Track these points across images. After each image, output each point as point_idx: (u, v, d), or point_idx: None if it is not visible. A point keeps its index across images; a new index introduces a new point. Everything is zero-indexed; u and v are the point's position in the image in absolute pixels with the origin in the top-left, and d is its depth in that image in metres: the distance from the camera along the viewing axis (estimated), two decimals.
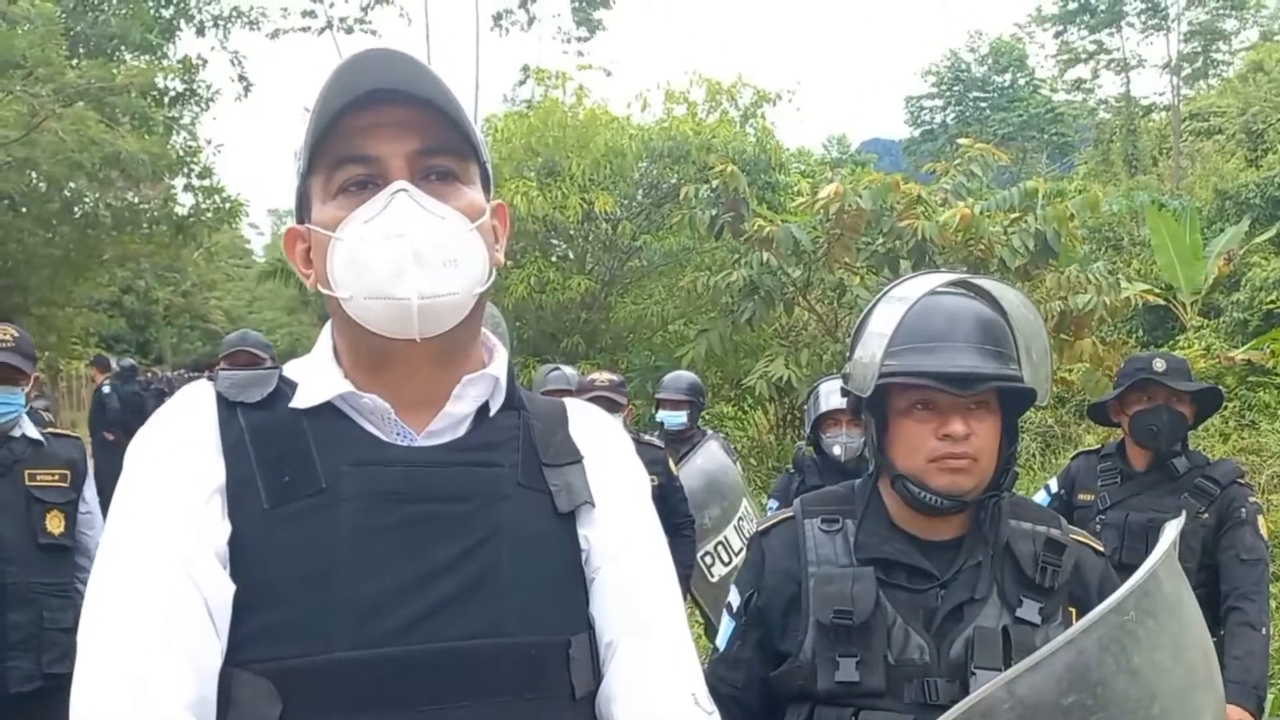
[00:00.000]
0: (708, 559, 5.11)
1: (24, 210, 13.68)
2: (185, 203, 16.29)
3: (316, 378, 1.11)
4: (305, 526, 1.02)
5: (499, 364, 1.17)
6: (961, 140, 10.50)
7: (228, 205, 16.41)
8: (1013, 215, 8.89)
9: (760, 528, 1.74)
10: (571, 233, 12.55)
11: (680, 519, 4.69)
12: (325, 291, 1.10)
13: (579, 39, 21.39)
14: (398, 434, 1.10)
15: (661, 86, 13.12)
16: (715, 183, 9.11)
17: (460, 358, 1.13)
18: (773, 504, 5.10)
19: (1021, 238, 8.46)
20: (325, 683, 0.99)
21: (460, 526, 1.06)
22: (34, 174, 12.98)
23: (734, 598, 1.72)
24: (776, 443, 10.77)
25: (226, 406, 1.09)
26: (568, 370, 6.68)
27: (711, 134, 12.20)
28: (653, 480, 4.58)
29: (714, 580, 5.01)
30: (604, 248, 12.71)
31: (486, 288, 1.11)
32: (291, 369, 1.15)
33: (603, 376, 4.64)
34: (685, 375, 5.98)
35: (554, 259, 12.57)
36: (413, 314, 1.04)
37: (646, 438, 4.88)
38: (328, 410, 1.09)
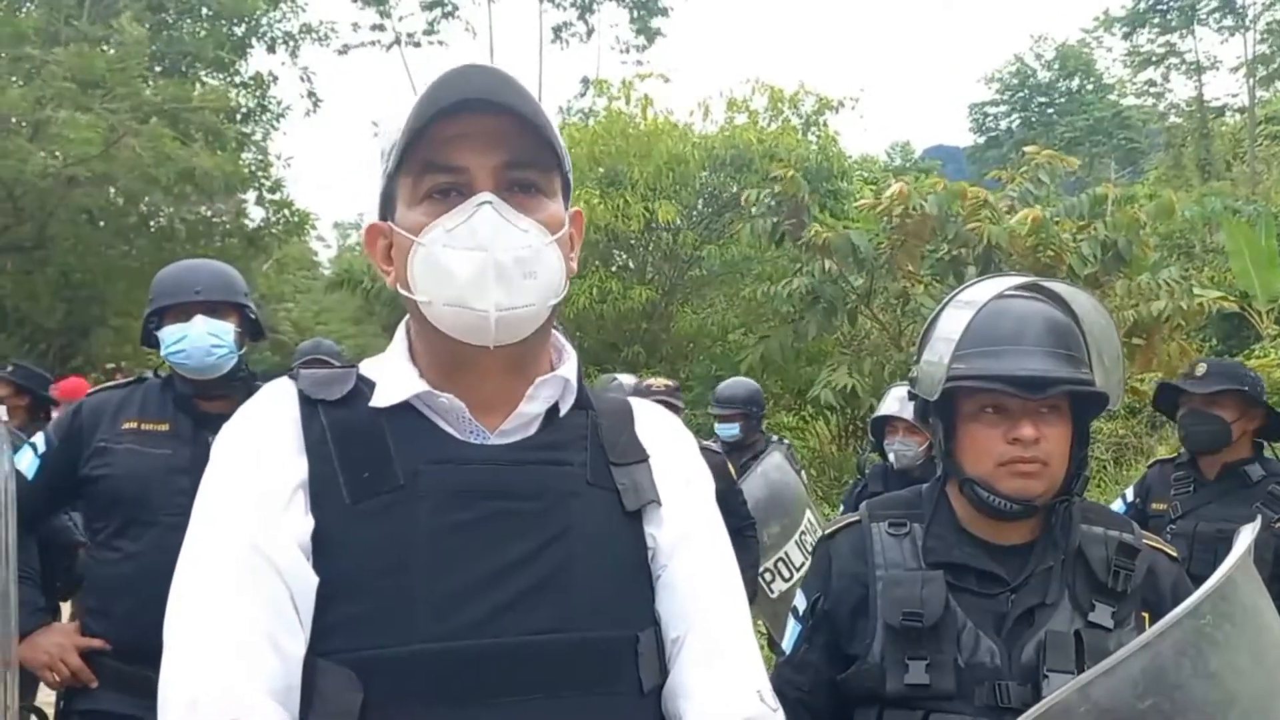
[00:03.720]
0: (768, 575, 5.07)
1: (102, 224, 14.11)
2: (256, 216, 16.71)
3: (393, 377, 1.14)
4: (385, 522, 1.05)
5: (569, 366, 1.19)
6: (1028, 148, 10.34)
7: (296, 218, 16.78)
8: (1081, 223, 8.74)
9: (826, 531, 1.74)
10: (633, 242, 12.60)
11: (742, 522, 4.68)
12: (404, 292, 1.12)
13: (637, 48, 21.52)
14: (471, 432, 1.13)
15: (723, 95, 13.15)
16: (776, 189, 9.07)
17: (532, 362, 1.16)
18: (840, 509, 5.09)
19: (1091, 245, 8.31)
20: (404, 673, 1.02)
21: (532, 524, 1.08)
22: (112, 189, 13.39)
23: (800, 601, 1.72)
24: (839, 453, 10.69)
25: (308, 404, 1.12)
26: (627, 379, 6.70)
27: (774, 142, 12.18)
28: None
29: (774, 596, 4.98)
30: (665, 257, 12.74)
31: (561, 297, 1.14)
32: (368, 367, 1.18)
33: (659, 381, 4.64)
34: (741, 384, 5.89)
35: (615, 269, 12.63)
36: (490, 325, 1.07)
37: (705, 443, 4.89)
38: (405, 409, 1.12)
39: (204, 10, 16.49)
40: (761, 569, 5.05)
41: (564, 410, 1.18)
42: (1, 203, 12.03)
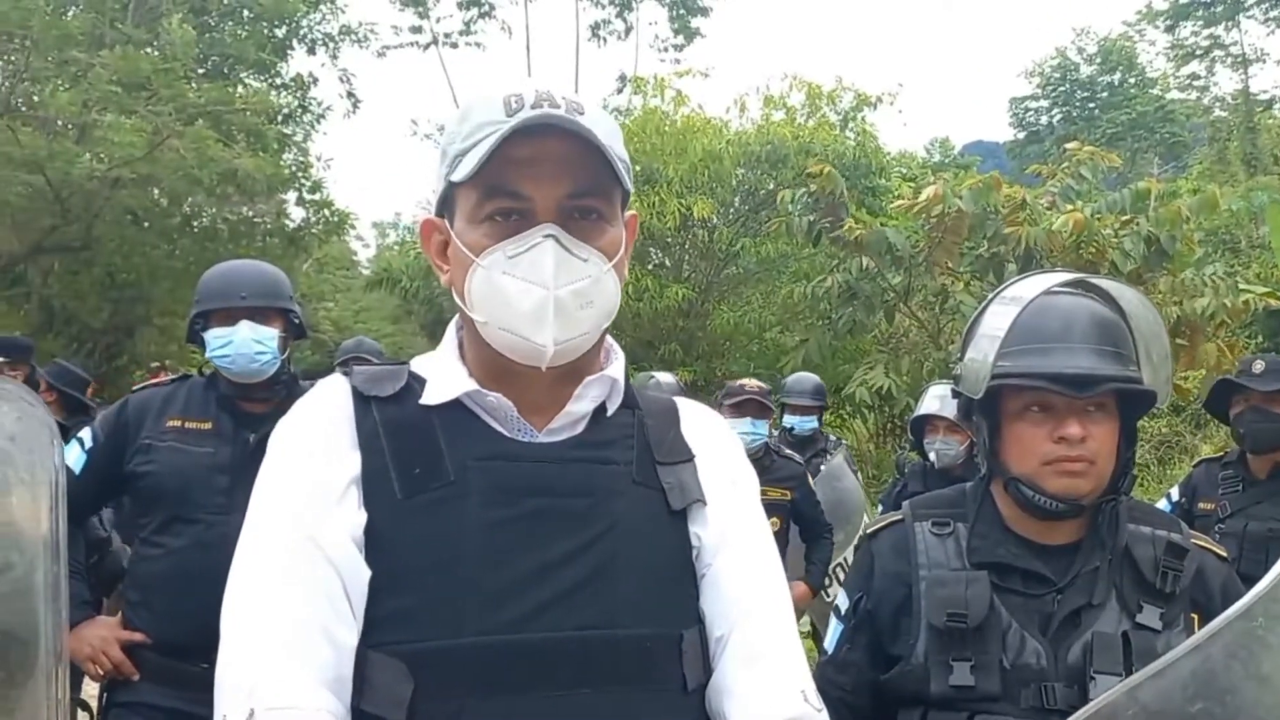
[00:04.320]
0: (826, 579, 5.08)
1: (146, 225, 14.32)
2: (296, 216, 16.87)
3: (443, 376, 1.16)
4: (435, 517, 1.07)
5: (617, 366, 1.21)
6: (1069, 144, 10.20)
7: (336, 218, 16.93)
8: (1123, 218, 8.61)
9: (868, 531, 1.73)
10: (668, 240, 12.59)
11: (821, 528, 4.69)
12: (459, 301, 1.14)
13: (675, 46, 21.48)
14: (519, 430, 1.14)
15: (760, 91, 13.10)
16: (813, 186, 9.02)
17: (582, 369, 1.17)
18: (879, 509, 5.06)
19: (1133, 240, 8.19)
20: (454, 666, 1.03)
21: (578, 521, 1.10)
22: (156, 190, 13.59)
23: (842, 600, 1.72)
24: (876, 450, 10.63)
25: (361, 400, 1.14)
26: (664, 377, 6.68)
27: (810, 138, 12.11)
28: (787, 495, 4.49)
29: (829, 600, 4.98)
30: (701, 255, 12.73)
31: (613, 317, 1.16)
32: (419, 365, 1.20)
33: (752, 383, 4.62)
34: (809, 378, 5.88)
35: (650, 266, 12.62)
36: (547, 356, 1.09)
37: (787, 452, 4.83)
38: (454, 406, 1.13)
39: (245, 13, 16.69)
40: None
41: (611, 410, 1.19)
42: (49, 204, 12.24)
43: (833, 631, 1.71)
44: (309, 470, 1.09)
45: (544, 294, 1.07)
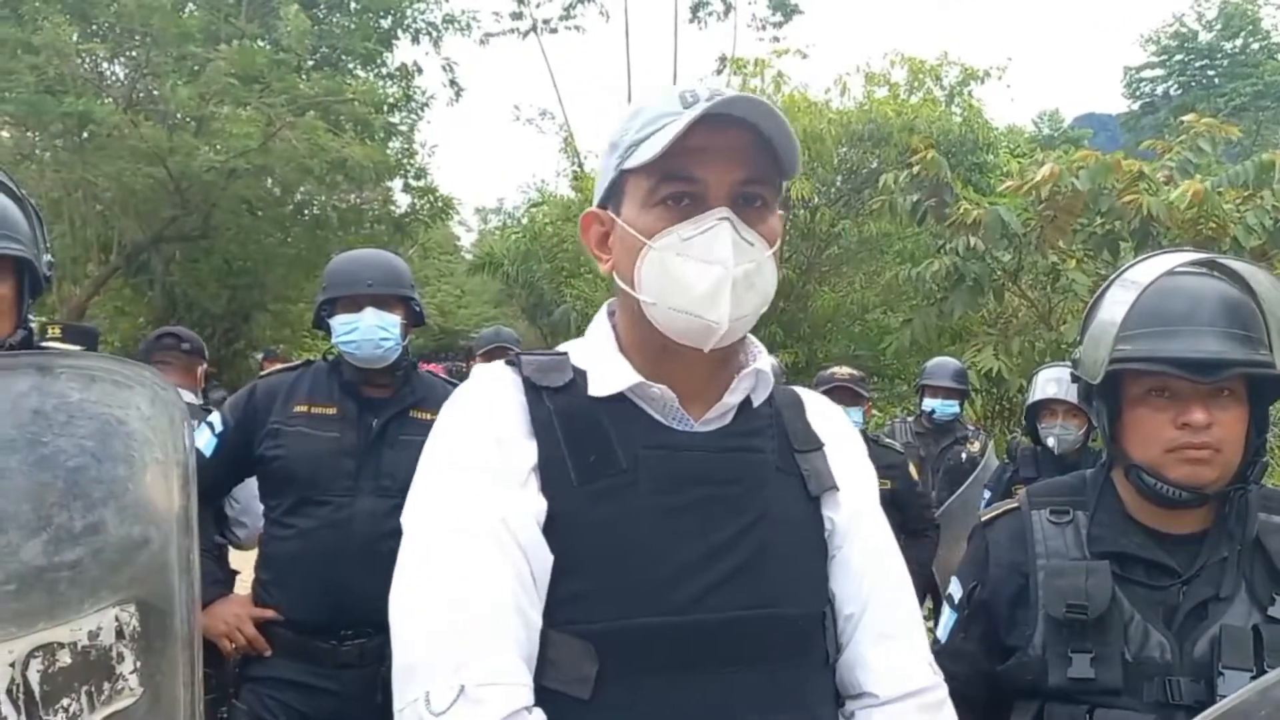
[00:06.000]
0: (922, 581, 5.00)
1: (260, 213, 14.81)
2: (402, 203, 17.26)
3: (606, 367, 1.21)
4: (610, 503, 1.13)
5: (764, 359, 1.26)
6: (1187, 117, 9.76)
7: (440, 204, 17.25)
8: (1246, 193, 8.20)
9: (984, 518, 1.70)
10: None
11: (923, 524, 4.56)
12: (624, 287, 1.19)
13: (774, 24, 21.22)
14: (676, 419, 1.20)
15: (861, 70, 12.85)
16: (915, 170, 8.82)
17: (734, 357, 1.24)
18: (986, 494, 4.94)
19: (1257, 215, 7.79)
20: (632, 645, 1.09)
21: (736, 508, 1.16)
22: (269, 180, 14.04)
23: (955, 589, 1.69)
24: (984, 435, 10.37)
25: (533, 390, 1.19)
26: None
27: (914, 115, 11.85)
28: (886, 484, 4.42)
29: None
30: (801, 235, 12.57)
31: (769, 303, 1.20)
32: (575, 355, 1.24)
33: (843, 370, 4.57)
34: (950, 362, 5.77)
35: None
36: (720, 335, 1.14)
37: (886, 440, 4.75)
38: (618, 398, 1.19)
39: (352, 4, 17.08)
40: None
41: (757, 402, 1.25)
42: (170, 195, 12.75)
43: (946, 620, 1.69)
44: (493, 456, 1.13)
45: (723, 272, 1.12)
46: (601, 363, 1.21)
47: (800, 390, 1.36)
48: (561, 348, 1.27)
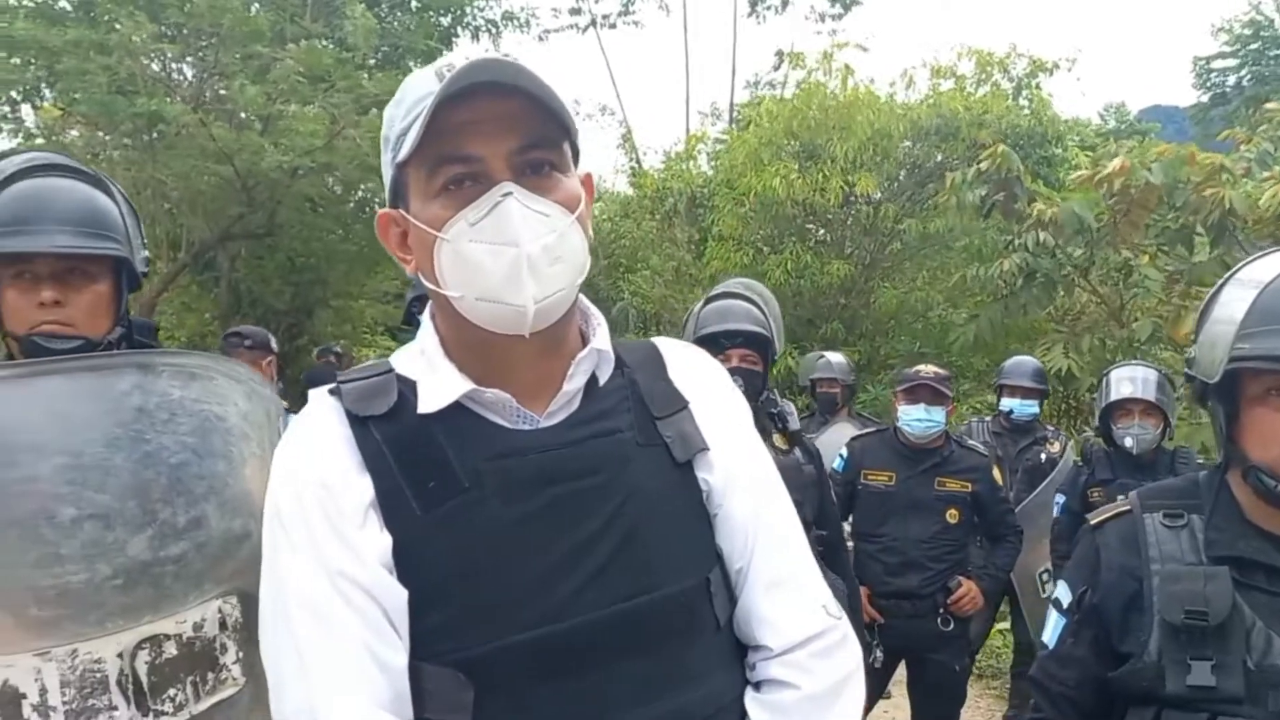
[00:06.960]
0: (1044, 575, 4.91)
1: (321, 211, 15.00)
2: None
3: (434, 378, 1.14)
4: (459, 526, 1.08)
5: (602, 335, 1.20)
6: (1269, 105, 9.48)
7: None
8: None
9: (1093, 521, 1.66)
10: (830, 216, 12.36)
11: (1004, 528, 4.41)
12: (429, 285, 1.13)
13: (833, 17, 21.01)
14: (519, 418, 1.14)
15: (927, 63, 12.66)
16: (984, 164, 8.67)
17: (564, 339, 1.18)
18: (1059, 498, 4.84)
19: None
20: (508, 665, 1.06)
21: (597, 498, 1.11)
22: (331, 178, 14.21)
23: (1063, 593, 1.65)
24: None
25: (357, 421, 1.13)
26: (835, 357, 6.57)
27: (983, 108, 11.66)
28: (968, 486, 4.29)
29: (1044, 596, 4.82)
30: (864, 231, 12.43)
31: (586, 274, 1.14)
32: (403, 365, 1.18)
33: (928, 368, 4.48)
34: (1029, 361, 5.69)
35: (811, 243, 12.41)
36: (528, 318, 1.08)
37: (970, 442, 4.60)
38: (452, 409, 1.12)
39: (413, 3, 17.23)
40: (1040, 569, 4.88)
41: (603, 380, 1.20)
42: (236, 193, 12.96)
43: (1054, 625, 1.65)
44: (323, 501, 1.09)
45: (515, 252, 1.06)
46: (429, 373, 1.15)
47: (660, 342, 1.29)
48: (391, 359, 1.21)
